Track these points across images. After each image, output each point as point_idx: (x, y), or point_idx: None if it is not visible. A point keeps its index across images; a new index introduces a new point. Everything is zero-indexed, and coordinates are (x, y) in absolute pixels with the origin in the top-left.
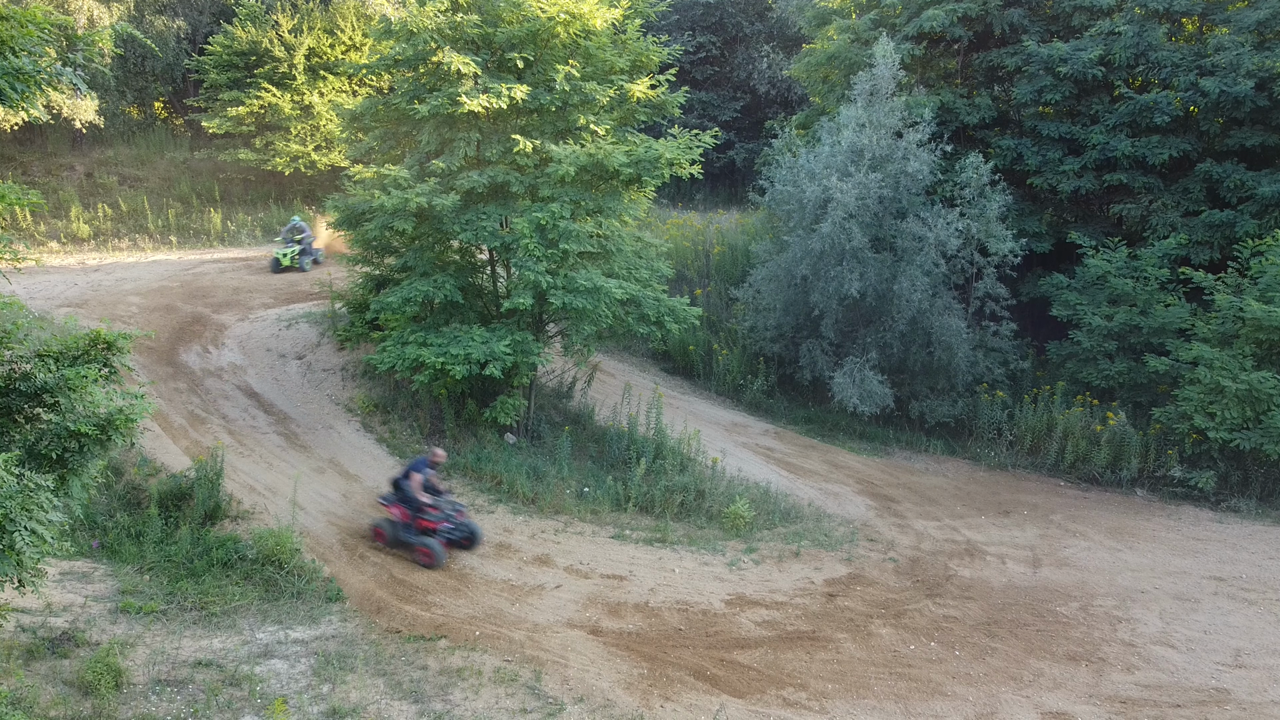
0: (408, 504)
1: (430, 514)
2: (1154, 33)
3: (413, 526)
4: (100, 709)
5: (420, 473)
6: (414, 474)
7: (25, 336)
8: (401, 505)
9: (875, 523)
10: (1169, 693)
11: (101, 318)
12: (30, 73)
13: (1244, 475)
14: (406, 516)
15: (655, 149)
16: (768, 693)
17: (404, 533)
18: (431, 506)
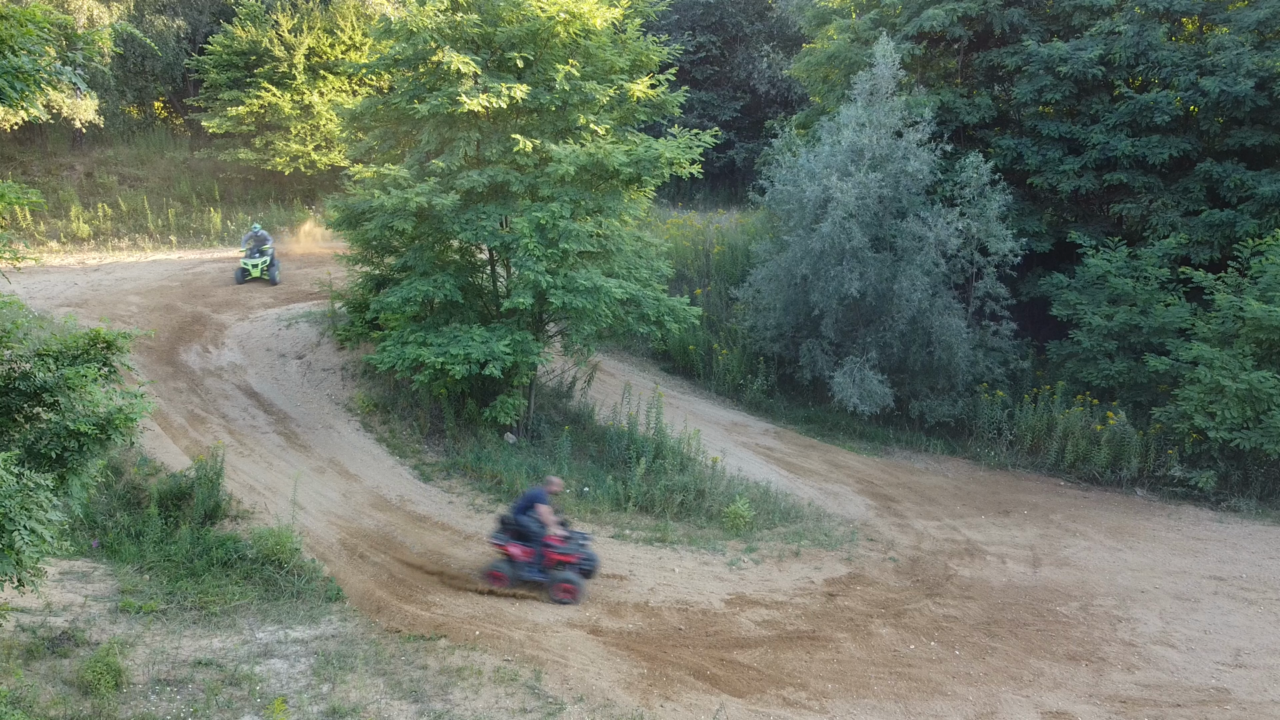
0: (529, 539)
1: (563, 546)
2: (1154, 32)
3: (537, 563)
4: (100, 708)
5: (545, 504)
6: (540, 506)
7: (25, 336)
8: (521, 542)
9: (875, 522)
10: (1169, 692)
11: (101, 317)
12: (30, 72)
13: (1244, 475)
14: (529, 553)
15: (655, 148)
16: (768, 692)
17: (529, 571)
18: (565, 538)
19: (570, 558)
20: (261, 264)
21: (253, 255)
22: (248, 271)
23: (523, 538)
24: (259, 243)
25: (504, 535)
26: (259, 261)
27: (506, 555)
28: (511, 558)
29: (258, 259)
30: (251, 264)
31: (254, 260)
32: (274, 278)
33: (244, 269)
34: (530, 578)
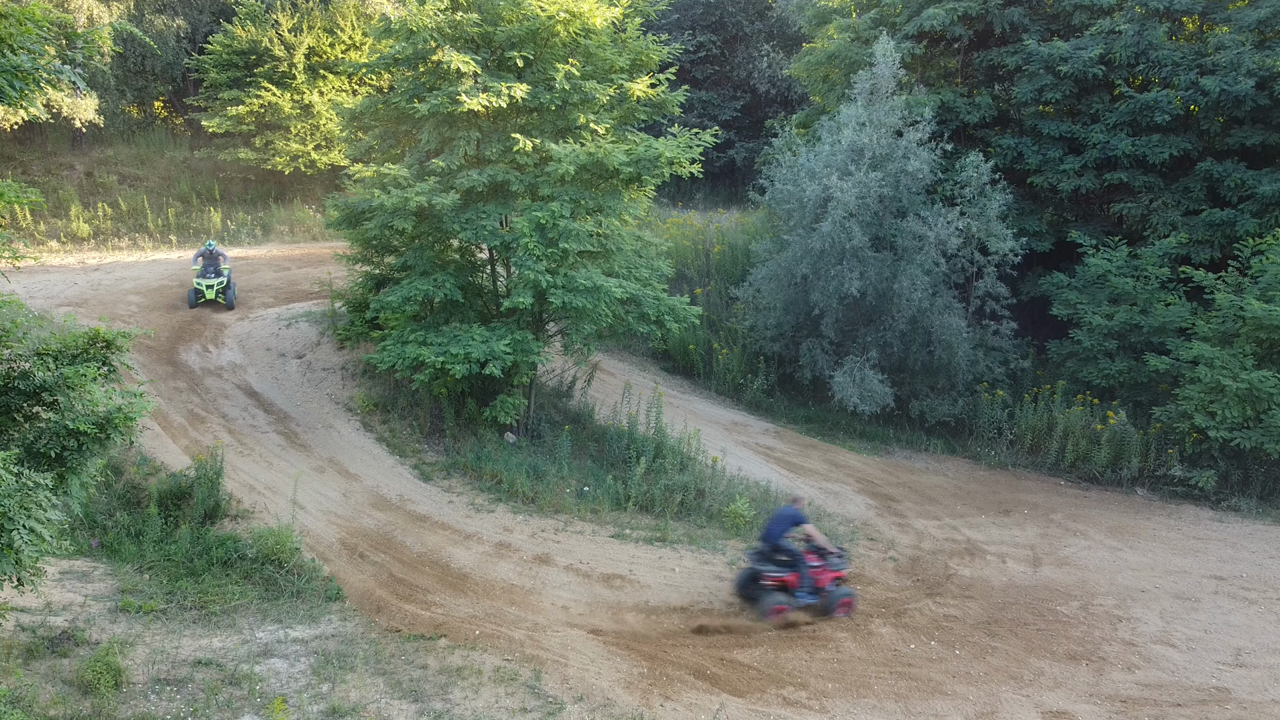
0: (797, 564)
1: (836, 563)
2: (1154, 32)
3: (808, 586)
4: (100, 708)
5: (807, 522)
6: (805, 526)
7: (24, 335)
8: (792, 569)
9: (875, 522)
10: (1169, 692)
11: (101, 316)
12: (30, 71)
13: (1244, 474)
14: (796, 578)
15: (655, 148)
16: (768, 692)
17: (804, 596)
18: (837, 554)
19: (841, 574)
20: (218, 285)
21: (207, 274)
22: (201, 293)
23: (794, 564)
24: (212, 261)
25: (771, 565)
26: (214, 282)
27: (783, 585)
28: (787, 586)
29: (213, 279)
30: (206, 284)
31: (209, 280)
32: (230, 300)
33: (197, 289)
34: (807, 602)
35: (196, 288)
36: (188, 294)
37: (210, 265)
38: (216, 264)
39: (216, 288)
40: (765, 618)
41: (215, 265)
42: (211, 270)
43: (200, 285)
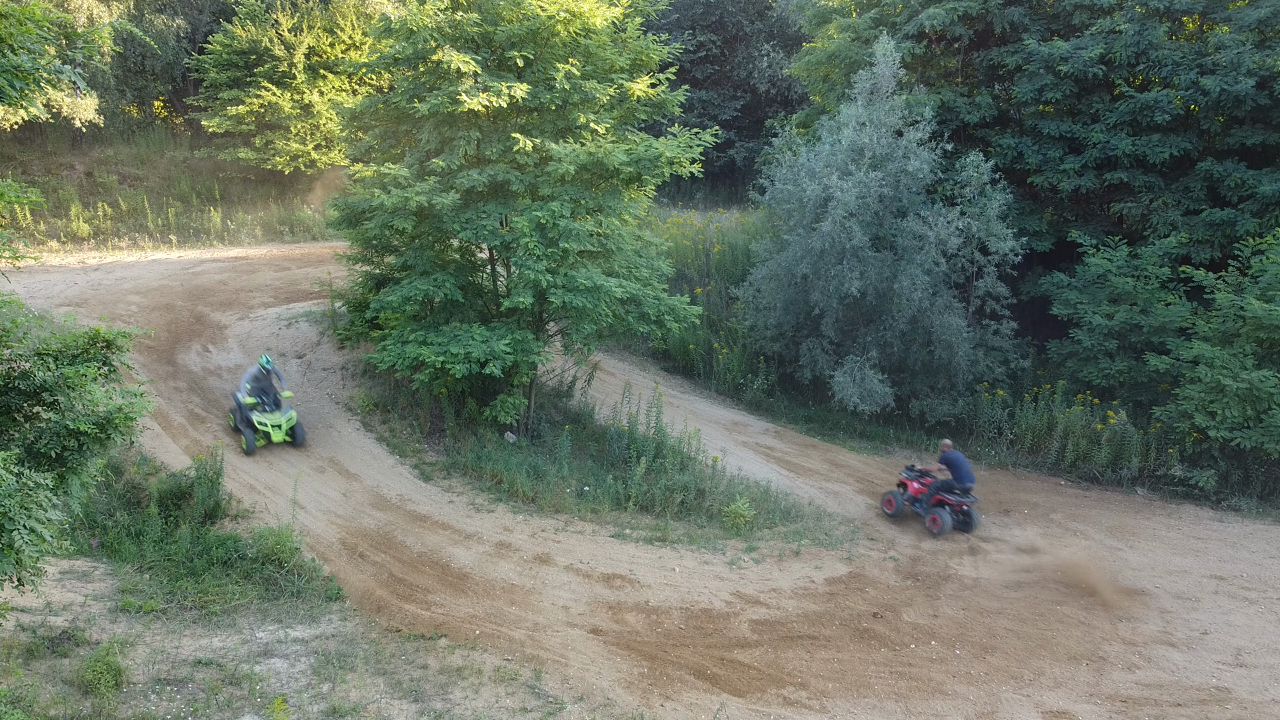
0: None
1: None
2: (1155, 31)
3: (926, 500)
4: (100, 708)
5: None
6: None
7: (25, 335)
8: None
9: (876, 521)
10: (1170, 692)
11: (101, 316)
12: (30, 71)
13: (1244, 474)
14: (922, 491)
15: (655, 147)
16: (768, 691)
17: (915, 505)
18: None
19: (950, 501)
20: (286, 422)
21: (264, 404)
22: (265, 434)
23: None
24: (267, 384)
25: (911, 473)
26: (282, 419)
27: (906, 488)
28: (910, 490)
29: (274, 412)
30: (271, 423)
31: (271, 415)
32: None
33: (257, 428)
34: (914, 509)
35: (257, 425)
36: (233, 419)
37: (266, 391)
38: (274, 389)
39: (285, 426)
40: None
41: (273, 391)
42: (270, 399)
43: (261, 423)
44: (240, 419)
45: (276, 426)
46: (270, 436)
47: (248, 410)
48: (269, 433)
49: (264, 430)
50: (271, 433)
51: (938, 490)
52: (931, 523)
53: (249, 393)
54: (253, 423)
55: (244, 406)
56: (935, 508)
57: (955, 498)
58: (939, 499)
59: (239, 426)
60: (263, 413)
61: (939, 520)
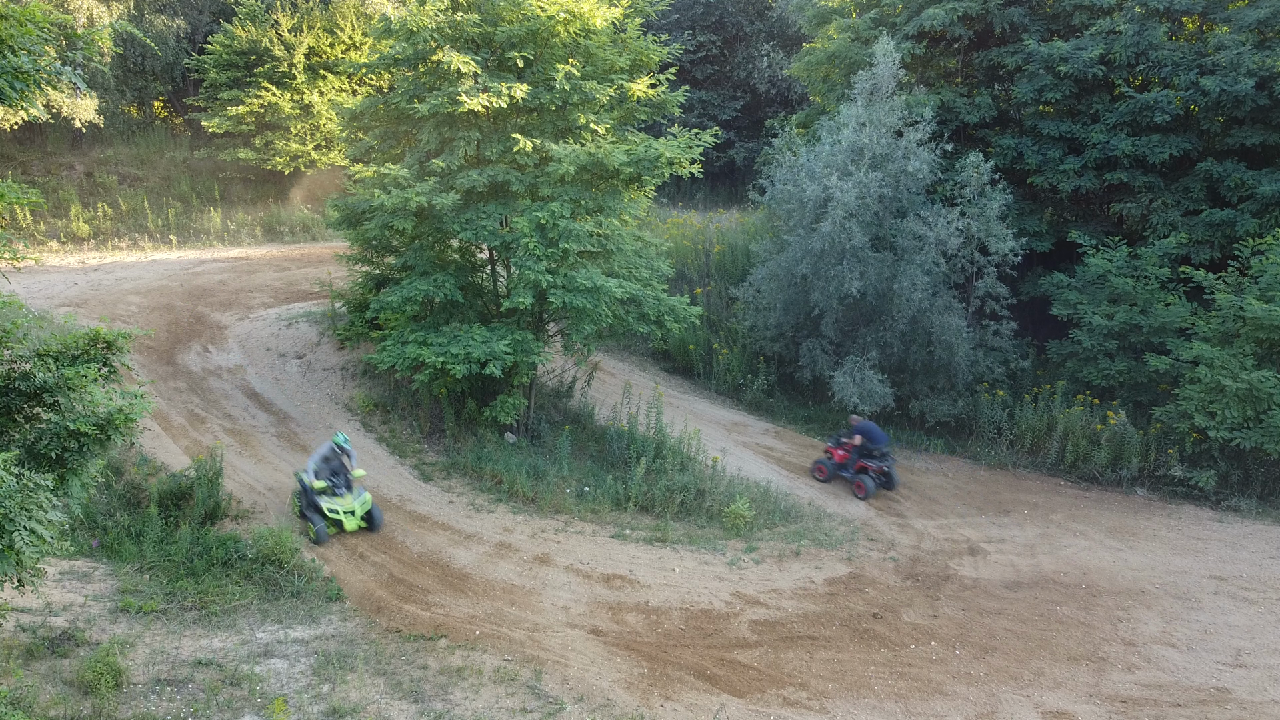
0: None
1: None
2: (1154, 31)
3: (850, 466)
4: (100, 708)
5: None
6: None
7: (25, 335)
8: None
9: (875, 522)
10: (1170, 692)
11: (101, 317)
12: (30, 72)
13: (1244, 474)
14: (845, 459)
15: (655, 148)
16: (768, 692)
17: (842, 471)
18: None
19: (872, 467)
20: (360, 507)
21: (336, 487)
22: (336, 521)
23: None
24: (337, 464)
25: (836, 442)
26: (355, 504)
27: (832, 456)
28: (835, 458)
29: (347, 495)
30: (344, 509)
31: (344, 500)
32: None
33: (329, 516)
34: (841, 474)
35: (327, 512)
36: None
37: (337, 472)
38: (346, 470)
39: (360, 511)
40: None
41: (345, 472)
42: (341, 481)
43: (333, 510)
44: (306, 503)
45: (350, 513)
46: (343, 524)
47: (315, 494)
48: (341, 520)
49: (336, 518)
50: (345, 520)
51: (859, 457)
52: (857, 488)
53: (318, 474)
54: (322, 509)
55: (311, 490)
56: (860, 474)
57: (875, 463)
58: (861, 465)
59: (304, 512)
60: (334, 497)
61: (863, 486)
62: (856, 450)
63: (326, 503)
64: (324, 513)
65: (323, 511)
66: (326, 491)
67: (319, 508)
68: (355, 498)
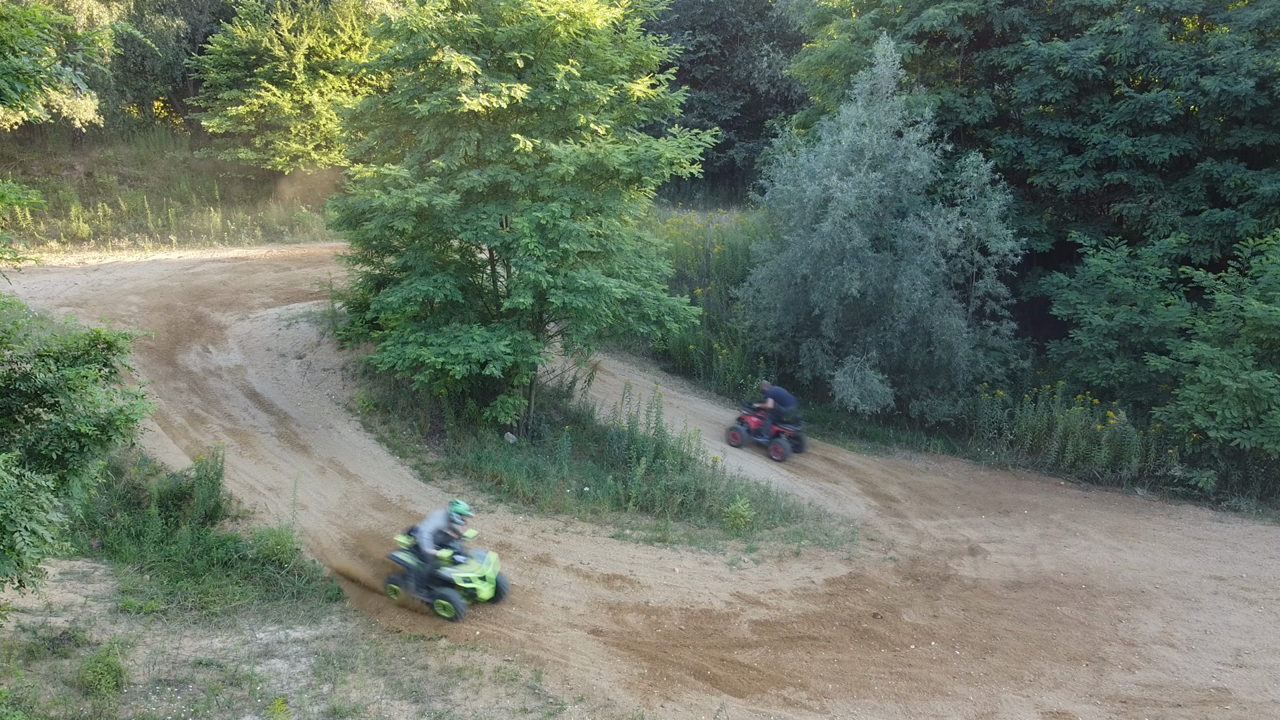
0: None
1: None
2: (1154, 32)
3: (765, 432)
4: (100, 709)
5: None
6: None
7: (25, 336)
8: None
9: (875, 522)
10: (1170, 692)
11: (101, 317)
12: (30, 72)
13: (1244, 474)
14: (759, 424)
15: (655, 148)
16: (768, 692)
17: (757, 436)
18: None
19: (787, 431)
20: (491, 571)
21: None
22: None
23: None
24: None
25: (749, 409)
26: (486, 570)
27: (746, 422)
28: (750, 424)
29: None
30: (476, 577)
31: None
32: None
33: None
34: (756, 440)
35: (460, 583)
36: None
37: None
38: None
39: (491, 575)
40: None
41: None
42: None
43: (466, 579)
44: (421, 579)
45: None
46: (478, 593)
47: (439, 566)
48: (476, 589)
49: (471, 587)
50: (480, 588)
51: (773, 421)
52: (775, 451)
53: (438, 544)
54: (454, 580)
55: (435, 562)
56: (775, 438)
57: (789, 427)
58: (776, 430)
59: (420, 589)
60: (459, 565)
61: (781, 449)
62: (770, 415)
63: (458, 573)
64: (457, 584)
65: (453, 583)
66: (449, 562)
67: (448, 580)
68: (480, 561)
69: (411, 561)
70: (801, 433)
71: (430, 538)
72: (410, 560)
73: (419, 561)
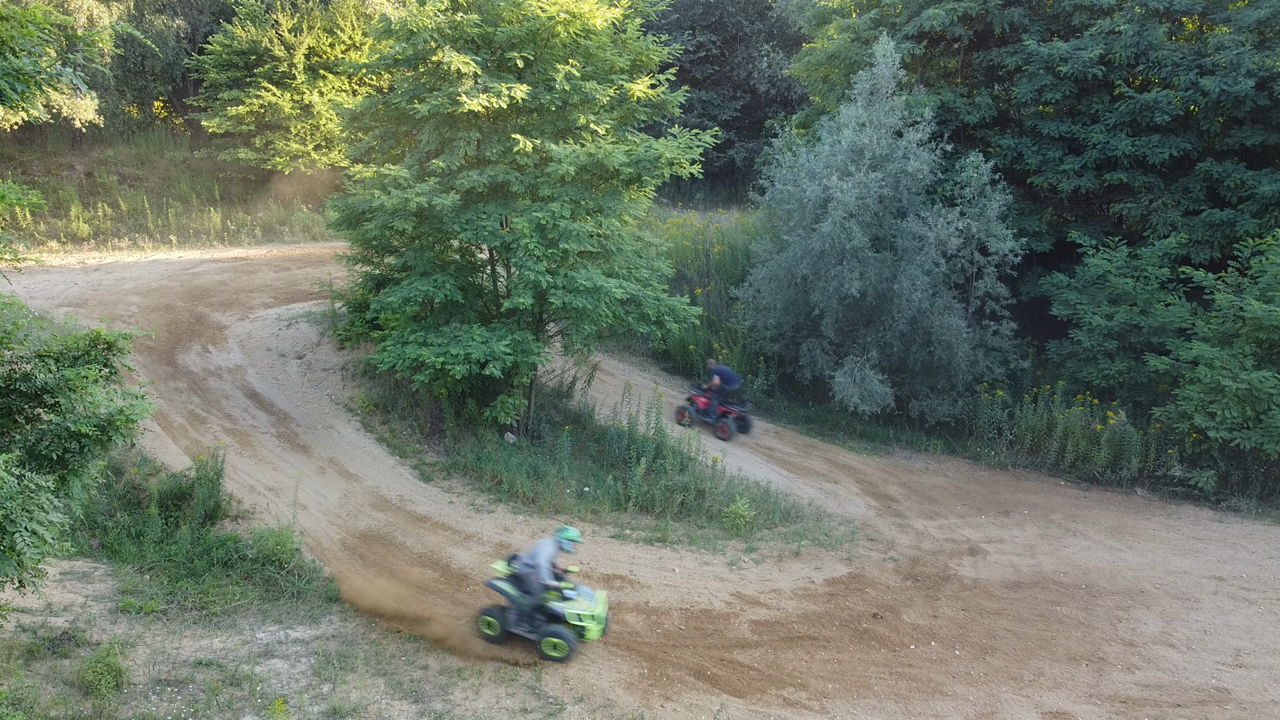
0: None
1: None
2: (1154, 32)
3: (712, 412)
4: (100, 709)
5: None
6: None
7: (25, 337)
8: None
9: (875, 522)
10: (1169, 692)
11: (101, 317)
12: (30, 73)
13: (1244, 474)
14: (706, 404)
15: (655, 148)
16: (768, 692)
17: (704, 416)
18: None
19: (733, 411)
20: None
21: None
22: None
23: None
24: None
25: (698, 390)
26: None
27: (695, 402)
28: (698, 404)
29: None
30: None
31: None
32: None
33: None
34: (705, 420)
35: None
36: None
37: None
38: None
39: (600, 617)
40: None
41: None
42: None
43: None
44: (520, 612)
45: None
46: (586, 633)
47: (547, 599)
48: (585, 628)
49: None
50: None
51: (720, 401)
52: (720, 430)
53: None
54: (564, 616)
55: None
56: (723, 418)
57: (736, 408)
58: (723, 410)
59: (516, 623)
60: (571, 600)
61: (727, 428)
62: (716, 394)
63: (571, 609)
64: (567, 620)
65: (565, 619)
66: (558, 596)
67: (558, 615)
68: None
69: (514, 593)
70: (748, 413)
71: (549, 568)
72: (513, 591)
73: (521, 593)
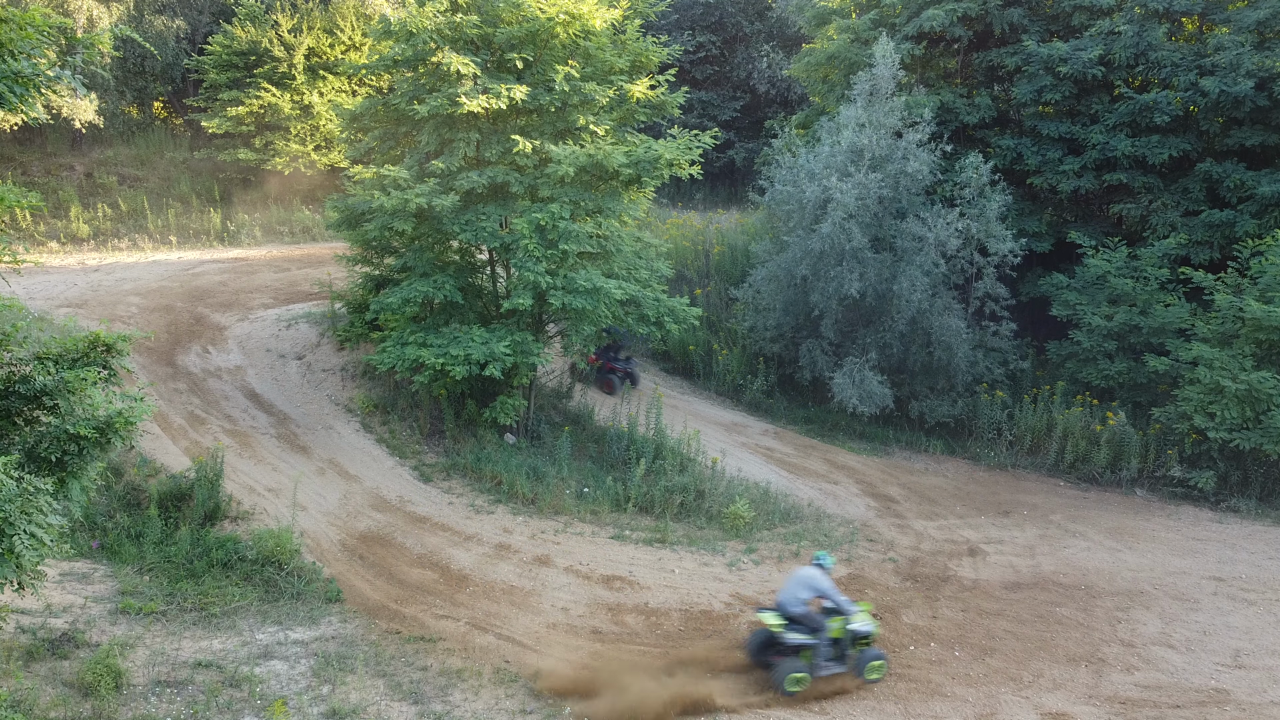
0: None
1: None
2: (1154, 32)
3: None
4: (100, 710)
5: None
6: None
7: (25, 338)
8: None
9: (875, 523)
10: (1168, 693)
11: (101, 318)
12: (29, 76)
13: (1244, 475)
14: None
15: (655, 149)
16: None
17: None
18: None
19: (617, 369)
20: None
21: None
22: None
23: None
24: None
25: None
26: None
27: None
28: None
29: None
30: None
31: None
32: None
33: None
34: (605, 377)
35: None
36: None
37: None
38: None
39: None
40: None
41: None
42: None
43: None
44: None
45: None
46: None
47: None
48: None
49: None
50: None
51: (604, 358)
52: (605, 386)
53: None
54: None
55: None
56: (608, 374)
57: (622, 365)
58: (609, 366)
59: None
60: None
61: (611, 384)
62: (601, 351)
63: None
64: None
65: (870, 636)
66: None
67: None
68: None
69: (810, 639)
70: (633, 369)
71: (837, 591)
72: (808, 639)
73: (811, 632)
